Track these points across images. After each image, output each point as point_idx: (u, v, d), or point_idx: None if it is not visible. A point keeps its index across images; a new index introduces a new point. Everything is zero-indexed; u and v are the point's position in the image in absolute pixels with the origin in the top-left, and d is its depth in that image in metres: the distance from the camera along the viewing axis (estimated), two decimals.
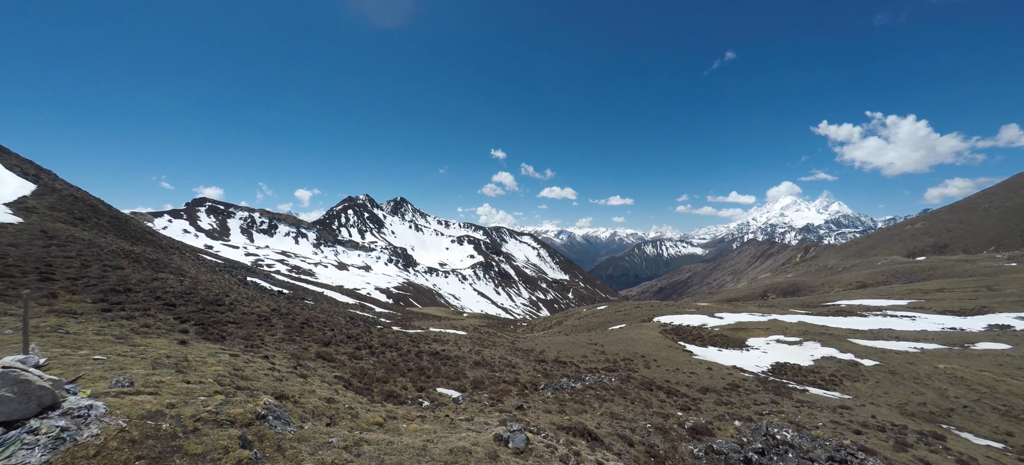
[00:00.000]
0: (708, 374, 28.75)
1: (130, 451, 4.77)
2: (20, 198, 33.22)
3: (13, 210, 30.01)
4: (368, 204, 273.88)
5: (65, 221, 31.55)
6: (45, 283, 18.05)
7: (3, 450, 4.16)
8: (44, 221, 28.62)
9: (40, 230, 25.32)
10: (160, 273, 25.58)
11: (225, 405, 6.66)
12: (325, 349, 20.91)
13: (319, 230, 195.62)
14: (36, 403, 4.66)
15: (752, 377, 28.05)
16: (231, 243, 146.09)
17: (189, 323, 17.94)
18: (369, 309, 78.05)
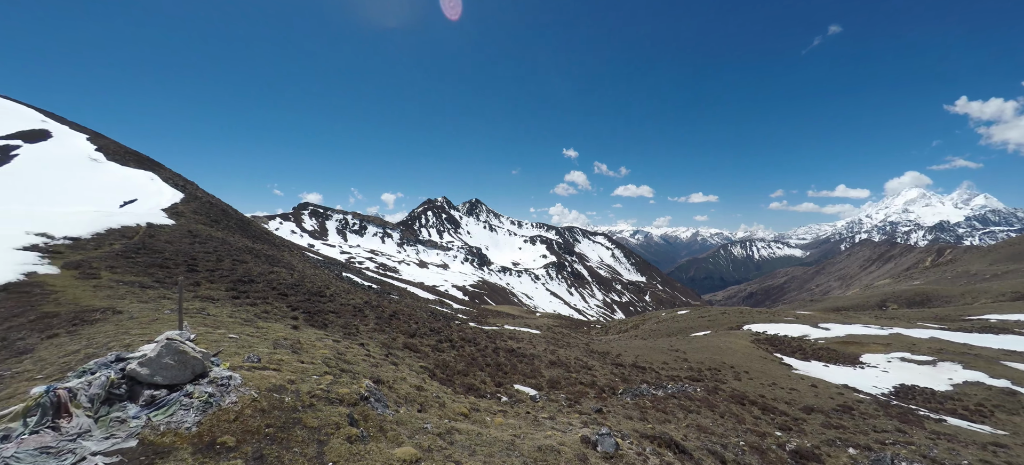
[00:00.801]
0: (812, 392, 25.58)
1: (261, 419, 5.46)
2: (173, 205, 39.99)
3: (168, 214, 36.21)
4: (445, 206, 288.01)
5: (204, 223, 37.40)
6: (191, 273, 21.56)
7: (167, 409, 5.00)
8: (190, 223, 34.20)
9: (187, 230, 30.31)
10: (275, 267, 29.19)
11: (334, 385, 7.36)
12: (411, 340, 22.28)
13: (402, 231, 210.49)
14: (190, 371, 5.54)
15: (869, 399, 24.35)
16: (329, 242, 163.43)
17: (298, 312, 20.24)
18: (447, 305, 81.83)
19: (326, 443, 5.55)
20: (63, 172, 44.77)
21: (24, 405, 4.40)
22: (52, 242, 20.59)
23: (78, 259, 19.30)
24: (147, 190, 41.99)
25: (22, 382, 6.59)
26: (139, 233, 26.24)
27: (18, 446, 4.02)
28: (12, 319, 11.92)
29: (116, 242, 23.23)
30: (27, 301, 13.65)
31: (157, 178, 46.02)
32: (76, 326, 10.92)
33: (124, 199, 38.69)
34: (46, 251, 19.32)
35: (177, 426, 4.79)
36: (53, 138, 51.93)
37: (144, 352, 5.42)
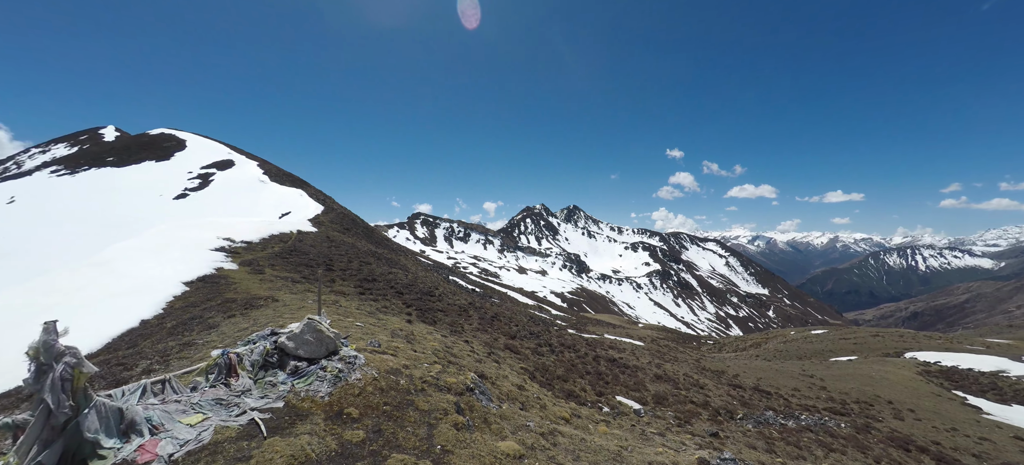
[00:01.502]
0: (1015, 446, 19.66)
1: (380, 397, 5.94)
2: (315, 215, 47.00)
3: (312, 223, 42.59)
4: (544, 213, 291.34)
5: (338, 231, 43.25)
6: (328, 272, 24.98)
7: (307, 379, 5.72)
8: (328, 231, 39.83)
9: (326, 237, 35.35)
10: (393, 269, 32.38)
11: (442, 374, 7.74)
12: (511, 342, 22.70)
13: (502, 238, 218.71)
14: (325, 348, 6.29)
15: None
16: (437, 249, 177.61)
17: (412, 308, 22.07)
18: (545, 311, 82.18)
19: (435, 427, 5.81)
20: (242, 191, 55.94)
21: (206, 364, 5.46)
22: (233, 245, 25.75)
23: (250, 258, 23.85)
24: (297, 204, 50.17)
25: (209, 348, 8.24)
26: (292, 239, 31.41)
27: (202, 395, 4.99)
28: (206, 302, 15.18)
29: (276, 245, 28.14)
30: (215, 289, 17.26)
31: (305, 194, 54.71)
32: (247, 309, 13.43)
33: (281, 211, 46.81)
34: (229, 252, 24.23)
35: (313, 394, 5.47)
36: (235, 166, 65.22)
37: (291, 329, 6.35)
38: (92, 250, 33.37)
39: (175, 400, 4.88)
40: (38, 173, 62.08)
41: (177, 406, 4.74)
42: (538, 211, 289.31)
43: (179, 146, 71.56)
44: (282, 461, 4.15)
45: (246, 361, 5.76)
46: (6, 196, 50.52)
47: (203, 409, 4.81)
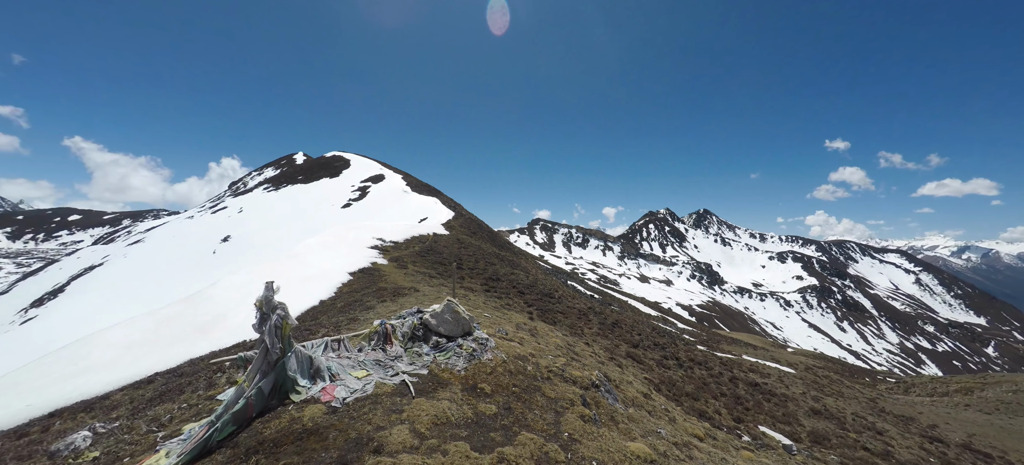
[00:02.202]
0: None
1: (510, 378, 6.18)
2: (447, 221, 51.72)
3: (445, 228, 46.94)
4: (669, 218, 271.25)
5: (466, 234, 46.88)
6: (458, 269, 27.21)
7: (446, 353, 6.27)
8: (458, 234, 43.50)
9: (456, 239, 38.67)
10: (515, 270, 33.75)
11: (568, 367, 7.73)
12: (634, 350, 21.56)
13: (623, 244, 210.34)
14: (461, 329, 6.82)
15: None
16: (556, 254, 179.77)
17: (533, 308, 22.64)
18: (670, 323, 76.18)
19: (562, 415, 5.79)
20: (389, 200, 64.82)
21: (369, 331, 6.42)
22: (383, 244, 29.99)
23: (396, 255, 27.51)
24: (433, 210, 56.03)
25: (369, 322, 9.71)
26: (429, 240, 35.20)
27: (365, 356, 5.87)
28: (365, 289, 18.01)
29: (416, 246, 31.89)
30: (371, 279, 20.34)
31: (438, 201, 60.84)
32: (395, 296, 15.49)
33: (420, 217, 52.86)
34: (380, 249, 28.30)
35: (452, 367, 5.98)
36: (385, 179, 75.90)
37: (433, 309, 7.09)
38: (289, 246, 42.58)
39: (347, 356, 5.87)
40: (256, 190, 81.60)
41: (348, 362, 5.70)
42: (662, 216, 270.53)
43: (346, 165, 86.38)
44: (428, 418, 4.62)
45: (398, 332, 6.63)
46: (237, 207, 67.59)
47: (366, 367, 5.68)
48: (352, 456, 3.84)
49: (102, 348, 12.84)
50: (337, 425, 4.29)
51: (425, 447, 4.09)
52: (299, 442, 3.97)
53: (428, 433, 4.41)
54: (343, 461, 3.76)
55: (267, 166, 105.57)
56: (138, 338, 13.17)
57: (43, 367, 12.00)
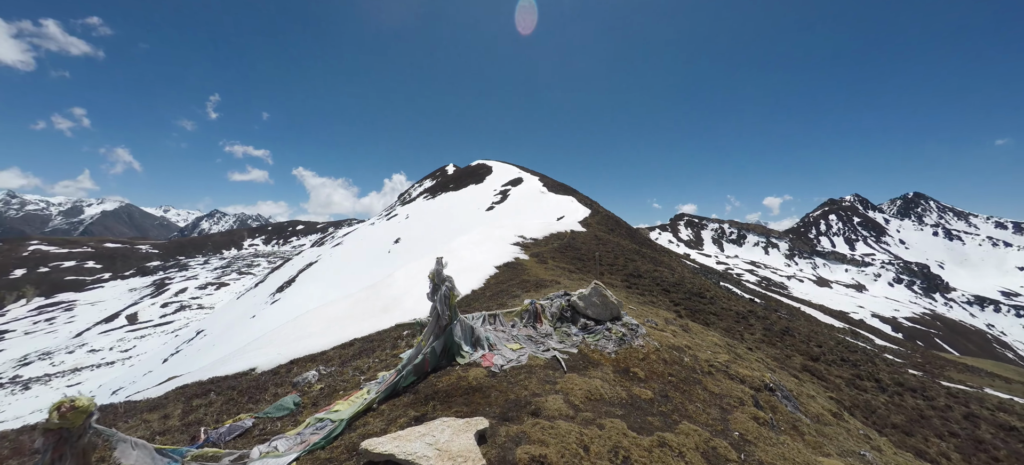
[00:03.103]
0: None
1: (664, 366, 5.74)
2: (584, 218, 51.39)
3: (582, 225, 46.74)
4: (858, 206, 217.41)
5: (603, 231, 45.84)
6: (598, 265, 26.77)
7: (594, 335, 6.16)
8: (595, 231, 42.88)
9: (594, 236, 38.17)
10: (657, 267, 31.58)
11: (732, 365, 6.82)
12: (812, 364, 17.97)
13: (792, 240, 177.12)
14: (609, 313, 6.63)
15: None
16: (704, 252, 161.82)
17: (680, 307, 20.79)
18: (863, 338, 61.06)
19: (729, 412, 5.11)
20: (527, 201, 67.77)
21: (520, 308, 6.75)
22: (524, 241, 31.47)
23: (537, 251, 28.57)
24: (569, 209, 56.48)
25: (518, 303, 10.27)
26: (566, 237, 35.59)
27: (518, 331, 6.18)
28: (509, 281, 19.17)
29: (555, 242, 32.58)
30: (514, 273, 21.54)
31: (575, 200, 61.09)
32: (538, 288, 16.08)
33: (557, 215, 53.85)
34: (522, 246, 29.76)
35: (601, 348, 5.85)
36: (523, 182, 79.68)
37: (581, 292, 7.07)
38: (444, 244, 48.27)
39: (501, 330, 6.30)
40: (418, 199, 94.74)
41: (503, 335, 6.10)
42: (849, 204, 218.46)
43: (488, 172, 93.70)
44: (580, 393, 4.60)
45: (547, 312, 6.82)
46: (405, 214, 79.59)
47: (519, 340, 5.99)
48: (512, 414, 4.07)
49: (317, 321, 16.53)
50: (497, 387, 4.61)
51: (580, 418, 4.07)
52: (466, 396, 4.39)
53: (582, 406, 4.38)
54: (504, 417, 4.01)
55: (426, 178, 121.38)
56: (340, 314, 16.60)
57: (282, 333, 16.05)
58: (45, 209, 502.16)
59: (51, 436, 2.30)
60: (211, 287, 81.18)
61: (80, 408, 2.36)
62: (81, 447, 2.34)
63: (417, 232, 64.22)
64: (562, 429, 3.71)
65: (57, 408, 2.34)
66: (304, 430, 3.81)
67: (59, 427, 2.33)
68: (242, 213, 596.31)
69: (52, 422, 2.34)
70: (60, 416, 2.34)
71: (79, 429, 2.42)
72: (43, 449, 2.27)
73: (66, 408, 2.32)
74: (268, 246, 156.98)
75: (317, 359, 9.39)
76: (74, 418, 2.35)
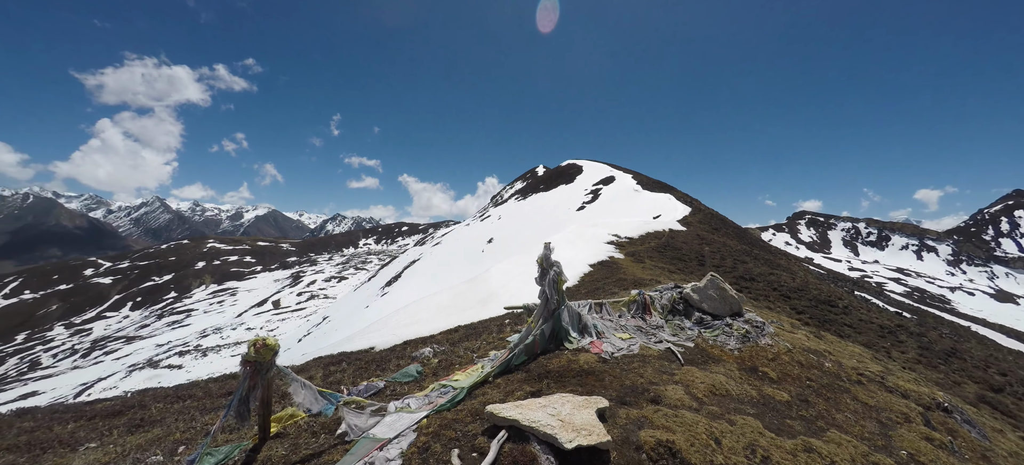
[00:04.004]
0: None
1: (800, 370, 5.03)
2: (683, 217, 47.95)
3: (681, 224, 43.69)
4: None
5: (707, 230, 42.21)
6: (701, 267, 24.74)
7: (713, 330, 5.64)
8: (697, 230, 39.71)
9: (696, 235, 35.37)
10: (773, 271, 28.10)
11: (890, 376, 5.74)
12: (994, 395, 14.38)
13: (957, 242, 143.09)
14: (728, 308, 6.03)
15: None
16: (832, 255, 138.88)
17: (804, 314, 18.22)
18: None
19: (891, 428, 4.28)
20: (620, 199, 65.41)
21: (627, 299, 6.49)
22: (618, 239, 30.39)
23: (632, 250, 27.38)
24: (666, 207, 53.16)
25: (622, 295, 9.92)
26: (664, 236, 33.54)
27: (626, 321, 5.95)
28: (605, 279, 18.66)
29: (652, 242, 30.91)
30: (610, 271, 20.90)
31: (672, 198, 57.31)
32: (636, 287, 15.40)
33: (653, 214, 51.02)
34: (616, 245, 28.77)
35: (722, 345, 5.34)
36: (615, 180, 77.12)
37: (695, 284, 6.56)
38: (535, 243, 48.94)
39: (608, 319, 6.13)
40: (510, 201, 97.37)
41: (610, 324, 5.93)
42: None
43: (579, 171, 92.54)
44: (703, 386, 4.24)
45: (656, 303, 6.45)
46: (497, 216, 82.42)
47: (628, 331, 5.75)
48: (629, 399, 3.91)
49: (424, 310, 17.89)
50: (610, 372, 4.48)
51: (706, 411, 3.75)
52: (579, 377, 4.35)
53: (705, 399, 4.03)
54: (622, 400, 3.87)
55: (516, 180, 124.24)
56: (444, 304, 17.77)
57: (395, 319, 17.67)
58: (217, 214, 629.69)
59: (248, 366, 2.87)
60: (334, 280, 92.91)
61: (269, 346, 2.91)
62: (268, 379, 2.86)
63: (509, 232, 66.07)
64: (687, 418, 3.45)
65: (253, 344, 2.91)
66: (430, 393, 4.14)
67: (254, 359, 2.89)
68: (358, 216, 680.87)
69: (250, 354, 2.91)
70: (256, 351, 2.90)
71: (268, 364, 2.96)
72: (242, 376, 2.85)
73: (260, 345, 2.88)
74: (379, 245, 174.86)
75: (427, 341, 10.17)
76: (265, 353, 2.89)
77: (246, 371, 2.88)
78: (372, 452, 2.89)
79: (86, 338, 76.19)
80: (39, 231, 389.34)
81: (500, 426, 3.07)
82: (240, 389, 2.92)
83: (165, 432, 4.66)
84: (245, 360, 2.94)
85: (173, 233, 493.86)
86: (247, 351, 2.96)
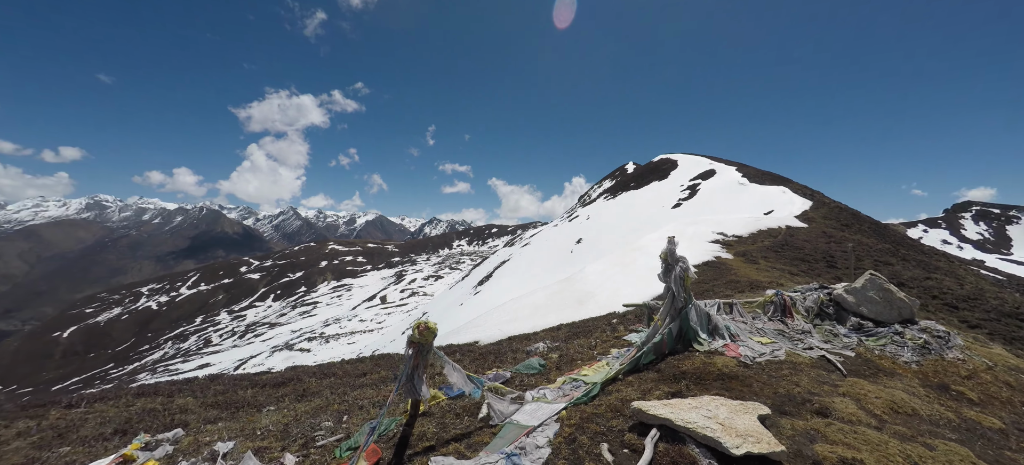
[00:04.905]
0: None
1: (1010, 392, 4.04)
2: (803, 211, 42.26)
3: (800, 219, 38.56)
4: None
5: (834, 226, 36.58)
6: (830, 269, 21.53)
7: (878, 338, 4.80)
8: (821, 226, 34.65)
9: (821, 232, 30.86)
10: (930, 274, 23.33)
11: None
12: None
13: None
14: (896, 313, 5.09)
15: None
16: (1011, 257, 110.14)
17: (980, 329, 14.82)
18: None
19: None
20: (722, 195, 59.87)
21: (762, 300, 5.84)
22: (725, 238, 27.78)
23: (742, 250, 24.81)
24: (780, 201, 47.28)
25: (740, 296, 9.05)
26: (780, 233, 29.83)
27: (763, 324, 5.36)
28: (714, 281, 17.17)
29: (765, 240, 27.69)
30: (718, 272, 19.17)
31: (788, 190, 50.82)
32: (753, 289, 13.84)
33: (764, 209, 45.74)
34: (722, 243, 26.33)
35: (893, 356, 4.52)
36: (716, 174, 70.87)
37: (847, 285, 5.68)
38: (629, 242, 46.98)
39: (741, 321, 5.58)
40: (598, 200, 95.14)
41: (744, 326, 5.39)
42: None
43: (673, 166, 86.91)
44: (879, 402, 3.62)
45: (799, 305, 5.71)
46: (586, 216, 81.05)
47: (767, 334, 5.17)
48: (789, 409, 3.49)
49: (521, 308, 18.25)
50: (756, 378, 4.06)
51: (891, 431, 3.19)
52: (721, 381, 4.02)
53: (885, 416, 3.43)
54: (780, 410, 3.48)
55: (605, 179, 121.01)
56: (540, 303, 17.95)
57: (494, 316, 18.30)
58: (335, 220, 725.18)
59: (413, 346, 3.19)
60: (431, 278, 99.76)
61: (431, 329, 3.22)
62: (428, 360, 3.15)
63: (598, 232, 64.58)
64: (871, 437, 2.96)
65: (417, 327, 3.24)
66: (564, 385, 4.18)
67: (418, 341, 3.21)
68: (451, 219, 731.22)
69: (414, 336, 3.24)
70: (419, 333, 3.22)
71: (428, 346, 3.26)
72: (407, 356, 3.18)
73: (422, 328, 3.19)
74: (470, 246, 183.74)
75: (530, 338, 10.33)
76: (427, 336, 3.20)
77: (410, 352, 3.21)
78: (521, 437, 3.01)
79: (242, 322, 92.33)
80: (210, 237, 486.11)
81: (649, 424, 2.96)
82: (406, 367, 3.27)
83: (325, 402, 5.39)
84: (411, 341, 3.28)
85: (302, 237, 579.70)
86: (412, 333, 3.31)
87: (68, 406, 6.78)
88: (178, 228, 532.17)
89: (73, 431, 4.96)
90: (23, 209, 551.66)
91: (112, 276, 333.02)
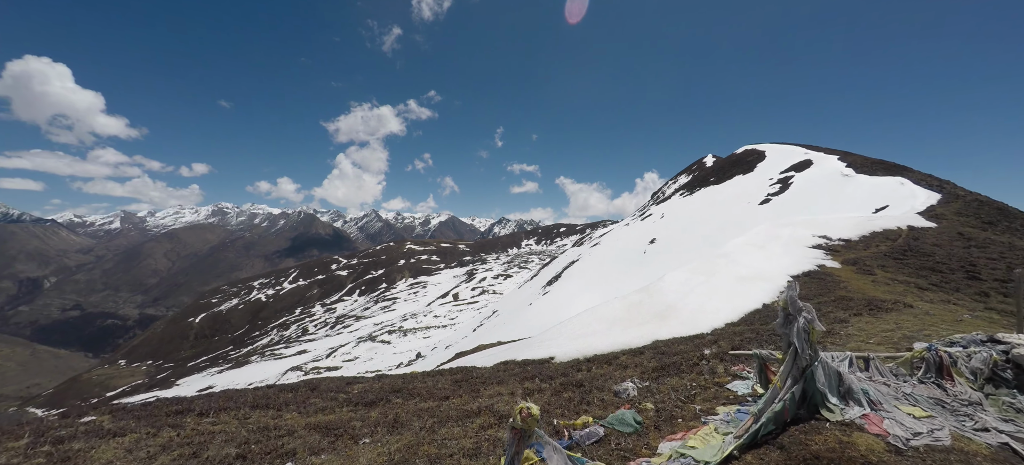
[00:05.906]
0: None
1: None
2: (928, 207, 36.08)
3: (925, 217, 32.97)
4: None
5: (974, 225, 30.66)
6: (973, 281, 18.00)
7: None
8: (955, 225, 29.22)
9: (956, 232, 26.01)
10: None
11: None
12: None
13: None
14: None
15: None
16: None
17: None
18: None
19: None
20: (821, 188, 53.17)
21: (909, 355, 4.87)
22: (829, 242, 24.51)
23: (852, 257, 21.66)
24: (897, 194, 40.77)
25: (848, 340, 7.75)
26: (900, 235, 25.65)
27: (912, 388, 4.44)
28: (818, 297, 15.10)
29: (880, 244, 23.96)
30: (824, 285, 16.86)
31: (907, 182, 43.66)
32: (873, 311, 11.91)
33: (875, 205, 39.71)
34: (826, 249, 23.24)
35: None
36: (813, 165, 63.15)
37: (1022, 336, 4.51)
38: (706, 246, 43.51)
39: (883, 382, 4.69)
40: (673, 197, 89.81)
41: (886, 389, 4.51)
42: None
43: (760, 157, 79.16)
44: None
45: (961, 366, 4.66)
46: (660, 214, 76.90)
47: (920, 404, 4.27)
48: None
49: (595, 321, 17.65)
50: None
51: None
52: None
53: None
54: None
55: (680, 174, 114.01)
56: (616, 316, 17.20)
57: (567, 328, 17.90)
58: (412, 221, 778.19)
59: (515, 433, 3.08)
60: (501, 277, 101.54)
61: (533, 416, 3.09)
62: (528, 442, 3.04)
63: (674, 232, 60.88)
64: None
65: (519, 412, 3.12)
66: (671, 463, 3.78)
67: (520, 428, 3.10)
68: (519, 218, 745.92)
69: (516, 422, 3.13)
70: (521, 419, 3.10)
71: (530, 431, 3.13)
72: (509, 442, 3.08)
73: (525, 414, 3.07)
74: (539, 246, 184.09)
75: (611, 362, 9.85)
76: (530, 423, 3.07)
77: (512, 438, 3.11)
78: None
79: (332, 314, 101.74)
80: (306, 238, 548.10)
81: None
82: (508, 454, 3.17)
83: (416, 439, 5.53)
84: (512, 428, 3.18)
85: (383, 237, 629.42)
86: (513, 419, 3.20)
87: (201, 414, 7.79)
88: (281, 230, 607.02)
89: (204, 449, 5.62)
90: (167, 215, 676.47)
91: (231, 271, 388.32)
